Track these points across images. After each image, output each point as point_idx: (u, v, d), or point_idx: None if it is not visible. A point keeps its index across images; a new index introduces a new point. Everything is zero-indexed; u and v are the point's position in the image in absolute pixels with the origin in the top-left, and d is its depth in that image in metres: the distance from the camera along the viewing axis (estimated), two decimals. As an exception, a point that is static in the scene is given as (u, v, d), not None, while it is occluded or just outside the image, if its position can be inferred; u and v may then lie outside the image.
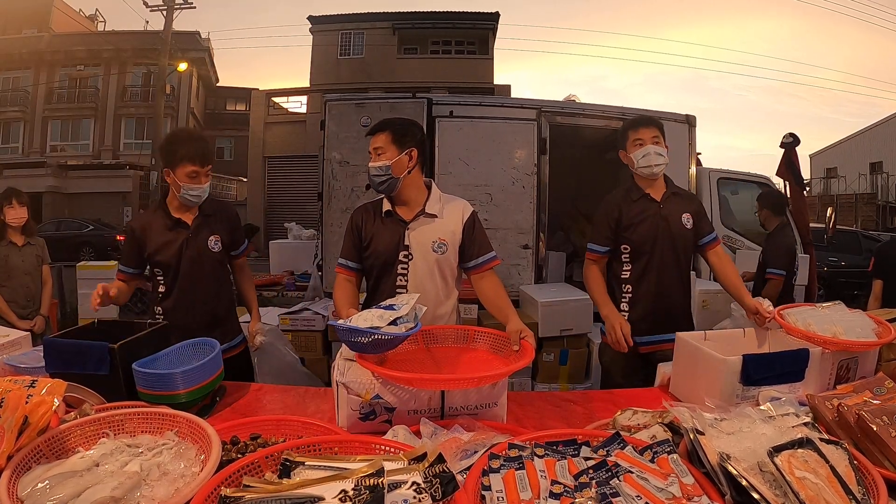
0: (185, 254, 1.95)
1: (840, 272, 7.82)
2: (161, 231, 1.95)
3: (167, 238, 1.94)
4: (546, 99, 4.11)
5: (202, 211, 2.00)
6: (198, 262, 1.97)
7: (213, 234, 2.00)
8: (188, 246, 1.95)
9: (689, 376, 1.53)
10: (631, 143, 2.07)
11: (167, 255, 1.94)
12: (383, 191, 1.76)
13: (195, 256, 1.96)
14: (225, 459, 0.96)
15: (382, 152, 1.72)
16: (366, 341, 1.29)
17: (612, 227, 2.09)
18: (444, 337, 1.56)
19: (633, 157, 2.07)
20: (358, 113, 3.76)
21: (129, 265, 1.99)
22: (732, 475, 0.87)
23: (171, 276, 1.96)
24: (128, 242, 1.99)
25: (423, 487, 0.77)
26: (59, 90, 20.11)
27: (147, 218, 2.01)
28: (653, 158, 2.03)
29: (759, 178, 4.88)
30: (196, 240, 1.97)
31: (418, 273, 1.76)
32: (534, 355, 1.39)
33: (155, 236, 1.95)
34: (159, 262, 1.95)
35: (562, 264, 4.36)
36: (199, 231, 1.98)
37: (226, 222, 2.07)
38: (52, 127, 20.17)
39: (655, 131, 2.06)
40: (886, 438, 1.02)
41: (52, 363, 1.42)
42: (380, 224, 1.79)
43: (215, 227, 2.02)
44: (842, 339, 1.48)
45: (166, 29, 15.36)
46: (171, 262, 1.94)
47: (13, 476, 0.88)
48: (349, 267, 1.84)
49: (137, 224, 1.99)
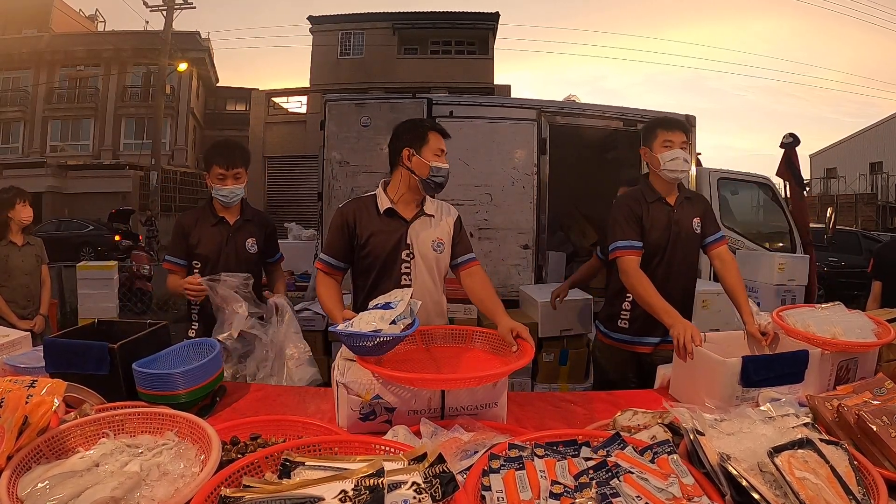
0: (225, 249, 2.12)
1: (840, 272, 7.82)
2: (205, 226, 2.14)
3: (210, 233, 2.13)
4: (546, 99, 4.11)
5: (243, 215, 2.19)
6: (234, 259, 2.13)
7: (250, 236, 2.18)
8: (228, 242, 2.13)
9: (689, 378, 1.53)
10: (660, 144, 2.00)
11: (208, 248, 2.11)
12: (433, 192, 1.80)
13: (233, 253, 2.13)
14: (225, 459, 0.96)
15: (443, 154, 1.78)
16: (371, 345, 1.28)
17: (640, 224, 2.01)
18: (443, 337, 1.56)
19: (660, 157, 1.99)
20: (358, 113, 3.76)
21: (179, 256, 2.15)
22: (732, 475, 0.87)
23: (210, 268, 2.09)
24: (177, 235, 2.16)
25: (423, 487, 0.77)
26: (59, 90, 20.10)
27: (195, 214, 2.20)
28: (681, 164, 1.97)
29: (759, 179, 4.88)
30: (235, 238, 2.14)
31: (420, 272, 1.77)
32: (533, 354, 1.38)
33: (199, 230, 2.13)
34: (200, 253, 2.11)
35: (562, 264, 4.36)
36: (239, 231, 2.16)
37: (262, 229, 2.24)
38: (52, 127, 20.16)
39: (685, 137, 2.01)
40: (886, 439, 1.02)
41: (52, 363, 1.42)
42: (378, 222, 1.77)
43: (254, 231, 2.20)
44: (841, 340, 1.48)
45: (166, 29, 15.37)
46: (211, 255, 2.11)
47: (13, 476, 0.88)
48: (334, 265, 1.80)
49: (186, 219, 2.18)
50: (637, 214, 2.02)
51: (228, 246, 2.13)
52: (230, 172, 2.08)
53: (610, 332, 2.13)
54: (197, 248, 2.12)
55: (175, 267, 2.15)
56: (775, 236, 4.94)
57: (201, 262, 2.12)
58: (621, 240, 1.99)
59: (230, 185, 2.08)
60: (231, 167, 2.07)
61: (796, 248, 4.61)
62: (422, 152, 1.74)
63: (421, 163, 1.74)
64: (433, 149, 1.75)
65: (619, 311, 2.09)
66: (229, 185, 2.08)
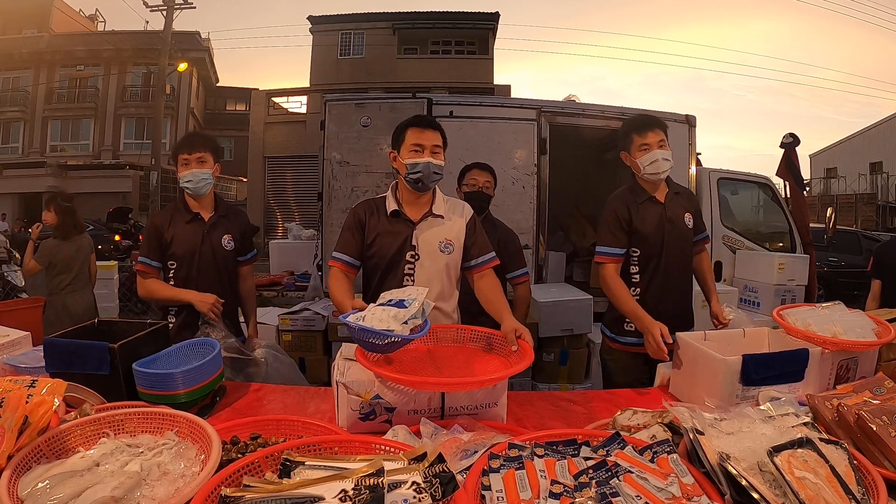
0: (201, 247, 2.06)
1: (840, 272, 7.83)
2: (179, 224, 2.07)
3: (185, 231, 2.06)
4: (546, 99, 4.11)
5: (217, 210, 2.12)
6: (211, 257, 2.07)
7: (227, 233, 2.12)
8: (204, 240, 2.06)
9: (689, 376, 1.53)
10: (636, 148, 2.01)
11: (184, 247, 2.04)
12: (418, 189, 1.76)
13: (209, 251, 2.07)
14: (225, 459, 0.96)
15: (439, 151, 1.75)
16: (381, 344, 1.26)
17: (625, 229, 2.02)
18: (444, 336, 1.56)
19: (639, 162, 2.01)
20: (358, 113, 3.76)
21: (153, 257, 2.06)
22: (732, 475, 0.87)
23: (185, 268, 2.04)
24: (151, 235, 2.08)
25: (423, 487, 0.77)
26: (59, 90, 20.10)
27: (168, 212, 2.12)
28: (661, 165, 1.98)
29: (759, 179, 4.88)
30: (211, 236, 2.08)
31: (425, 273, 1.77)
32: (534, 356, 1.37)
33: (173, 228, 2.06)
34: (175, 253, 2.05)
35: (562, 264, 4.36)
36: (215, 228, 2.10)
37: (238, 226, 2.18)
38: (52, 127, 20.16)
39: (661, 134, 2.00)
40: (886, 438, 1.02)
41: (52, 363, 1.42)
42: (385, 223, 1.78)
43: (229, 227, 2.14)
44: (841, 339, 1.48)
45: (166, 29, 15.34)
46: (187, 254, 2.04)
47: (13, 476, 0.88)
48: (348, 263, 1.78)
49: (159, 219, 2.09)
50: (624, 218, 2.03)
51: (204, 244, 2.06)
52: (193, 156, 2.02)
53: (617, 336, 2.12)
54: (171, 247, 2.04)
55: (149, 269, 2.06)
56: (775, 236, 4.95)
57: (177, 263, 2.05)
58: (602, 245, 2.05)
59: (194, 167, 2.02)
60: (193, 151, 2.03)
61: (796, 248, 4.61)
62: (401, 151, 1.75)
63: (400, 162, 1.75)
64: (408, 145, 1.73)
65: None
66: (192, 168, 2.02)
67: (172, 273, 2.05)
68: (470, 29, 17.58)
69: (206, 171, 2.05)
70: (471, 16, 17.39)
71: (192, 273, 2.04)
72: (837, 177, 21.35)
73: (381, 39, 17.22)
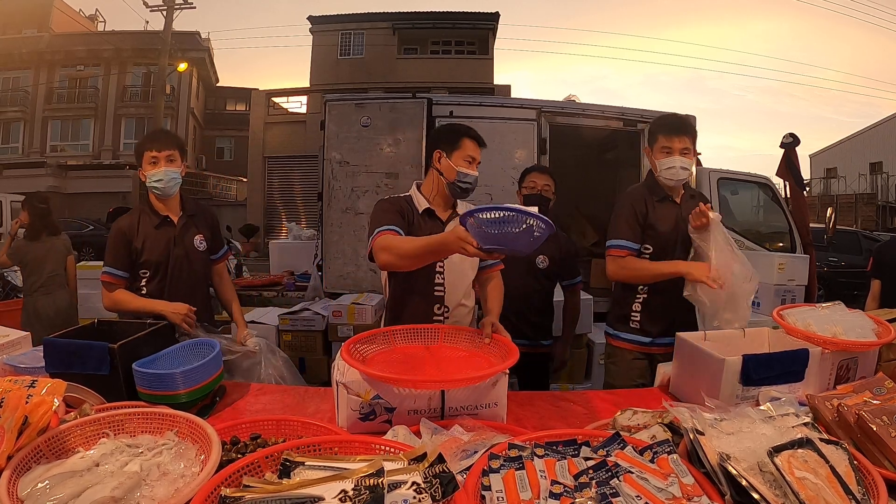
0: (174, 251, 1.95)
1: (840, 272, 7.83)
2: (148, 229, 1.94)
3: (155, 236, 1.93)
4: (546, 99, 4.11)
5: (185, 210, 2.02)
6: (186, 261, 1.98)
7: (198, 233, 2.03)
8: (176, 244, 1.96)
9: (689, 376, 1.53)
10: (659, 148, 2.01)
11: (156, 253, 1.93)
12: (459, 196, 1.81)
13: (183, 255, 1.98)
14: (225, 459, 0.96)
15: (475, 161, 1.79)
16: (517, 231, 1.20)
17: (641, 224, 2.01)
18: (444, 336, 1.56)
19: (657, 163, 2.01)
20: (358, 113, 3.76)
21: (119, 267, 1.93)
22: (732, 475, 0.87)
23: (159, 275, 1.94)
24: (117, 243, 1.92)
25: (423, 487, 0.77)
26: (59, 90, 20.11)
27: (133, 217, 1.97)
28: (678, 173, 1.97)
29: (759, 179, 4.88)
30: (184, 238, 1.99)
31: (454, 269, 1.79)
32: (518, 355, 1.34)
33: (142, 234, 1.93)
34: (148, 260, 1.93)
35: (562, 264, 4.35)
36: (187, 230, 2.00)
37: (208, 224, 2.09)
38: (52, 127, 20.17)
39: (687, 142, 1.98)
40: (886, 438, 1.02)
41: (52, 363, 1.42)
42: (419, 220, 1.79)
43: (199, 226, 2.05)
44: (841, 339, 1.48)
45: (166, 29, 15.36)
46: (161, 261, 1.94)
47: (13, 476, 0.87)
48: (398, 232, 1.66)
49: (124, 224, 1.95)
50: (641, 213, 2.01)
51: (177, 248, 1.95)
52: (162, 154, 1.90)
53: (620, 333, 2.11)
54: (143, 254, 1.91)
55: (114, 279, 1.91)
56: (775, 236, 4.94)
57: (150, 271, 1.92)
58: (619, 238, 2.01)
59: (164, 166, 1.89)
60: (162, 149, 1.90)
61: (796, 248, 4.61)
62: (452, 156, 1.77)
63: (449, 166, 1.76)
64: (464, 155, 1.76)
65: (630, 313, 2.07)
66: (162, 167, 1.89)
67: (144, 282, 1.93)
68: (470, 29, 17.59)
69: (176, 169, 1.93)
70: (471, 16, 17.41)
71: (165, 279, 1.94)
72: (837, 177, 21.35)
73: (381, 39, 17.23)
